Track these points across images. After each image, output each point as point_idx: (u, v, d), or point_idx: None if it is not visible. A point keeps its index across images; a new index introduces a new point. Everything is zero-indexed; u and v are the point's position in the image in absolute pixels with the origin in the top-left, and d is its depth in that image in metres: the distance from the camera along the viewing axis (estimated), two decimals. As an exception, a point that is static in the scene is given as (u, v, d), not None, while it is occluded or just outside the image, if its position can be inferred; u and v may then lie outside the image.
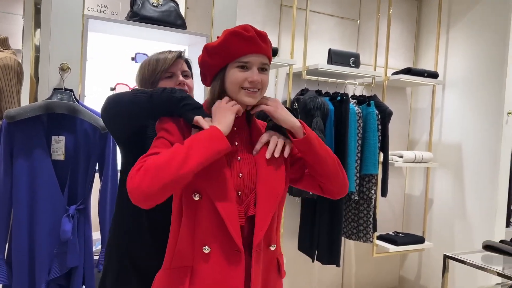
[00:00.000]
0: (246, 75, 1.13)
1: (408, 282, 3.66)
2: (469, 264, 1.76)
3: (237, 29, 1.11)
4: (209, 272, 1.09)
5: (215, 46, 1.13)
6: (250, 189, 1.15)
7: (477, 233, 3.08)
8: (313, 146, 1.18)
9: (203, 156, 1.03)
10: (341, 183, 1.24)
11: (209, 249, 1.09)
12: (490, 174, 3.01)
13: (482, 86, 3.09)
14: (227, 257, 1.09)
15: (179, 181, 1.01)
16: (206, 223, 1.10)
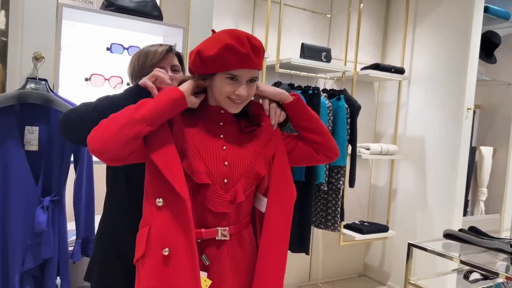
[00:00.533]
0: (234, 88, 1.17)
1: (372, 269, 3.83)
2: (431, 252, 1.87)
3: (234, 43, 1.11)
4: (162, 226, 1.12)
5: (209, 56, 1.13)
6: (237, 176, 1.19)
7: (437, 221, 3.25)
8: (303, 107, 1.30)
9: (155, 103, 1.11)
10: (333, 142, 1.33)
11: (162, 201, 1.13)
12: (450, 166, 3.18)
13: (444, 83, 3.24)
14: (178, 210, 1.12)
15: (131, 127, 1.07)
16: (157, 182, 1.14)
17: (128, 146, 1.09)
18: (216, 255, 1.18)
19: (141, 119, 1.08)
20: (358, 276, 3.87)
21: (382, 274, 3.72)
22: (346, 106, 3.01)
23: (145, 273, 1.13)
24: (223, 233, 1.18)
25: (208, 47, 1.14)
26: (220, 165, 1.19)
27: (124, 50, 2.01)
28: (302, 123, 1.32)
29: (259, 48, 1.16)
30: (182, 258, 1.10)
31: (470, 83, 3.11)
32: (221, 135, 1.24)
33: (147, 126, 1.09)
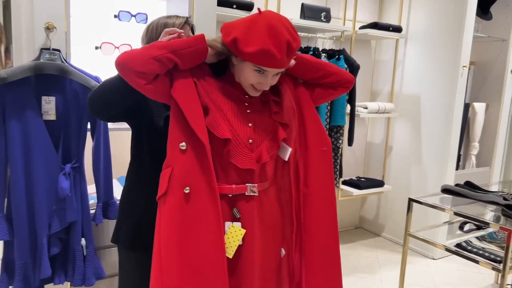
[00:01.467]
0: (260, 79, 1.24)
1: (368, 222, 4.03)
2: (430, 206, 2.01)
3: (273, 49, 1.15)
4: (184, 166, 1.22)
5: (244, 51, 1.17)
6: (261, 138, 1.28)
7: (430, 176, 3.41)
8: (307, 63, 1.37)
9: (182, 41, 1.22)
10: (346, 74, 1.42)
11: (185, 145, 1.22)
12: (444, 123, 3.30)
13: (441, 40, 3.29)
14: (200, 153, 1.21)
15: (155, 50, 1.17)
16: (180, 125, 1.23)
17: (150, 65, 1.16)
18: (246, 208, 1.27)
19: (164, 46, 1.18)
20: (354, 228, 4.07)
21: (377, 226, 3.93)
22: (345, 66, 3.06)
23: (166, 210, 1.23)
24: (252, 189, 1.27)
25: (247, 40, 1.17)
26: (245, 126, 1.27)
27: (132, 17, 2.02)
28: (313, 75, 1.39)
29: (294, 50, 1.21)
30: (203, 196, 1.20)
31: (467, 41, 3.16)
32: (245, 102, 1.31)
33: (169, 52, 1.18)
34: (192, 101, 1.22)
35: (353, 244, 3.66)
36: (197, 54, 1.24)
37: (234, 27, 1.21)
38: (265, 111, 1.33)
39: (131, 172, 1.56)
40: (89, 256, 1.87)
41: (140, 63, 1.15)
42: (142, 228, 1.49)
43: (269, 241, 1.33)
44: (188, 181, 1.21)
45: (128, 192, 1.55)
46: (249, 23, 1.19)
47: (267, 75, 1.23)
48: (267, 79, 1.24)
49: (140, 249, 1.51)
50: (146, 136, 1.50)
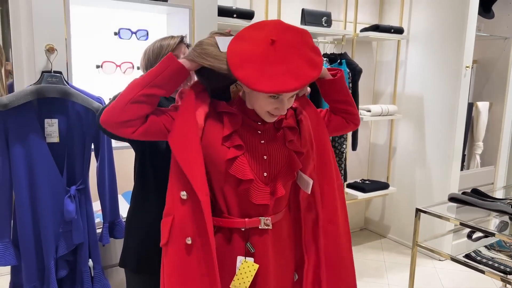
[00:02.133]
0: (276, 104, 1.17)
1: (373, 223, 4.03)
2: (435, 215, 2.00)
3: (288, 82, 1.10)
4: (184, 217, 1.18)
5: (260, 90, 1.11)
6: (276, 170, 1.24)
7: (435, 177, 3.40)
8: (344, 83, 1.34)
9: (153, 70, 1.15)
10: (357, 112, 1.41)
11: (186, 195, 1.17)
12: (448, 123, 3.28)
13: (443, 41, 3.26)
14: (199, 206, 1.16)
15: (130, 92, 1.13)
16: (178, 174, 1.19)
17: (130, 111, 1.12)
18: (260, 242, 1.24)
19: (136, 84, 1.14)
20: (360, 230, 4.07)
21: (382, 227, 3.92)
22: (348, 71, 3.04)
23: (168, 261, 1.21)
24: (266, 222, 1.23)
25: (260, 80, 1.10)
26: (260, 159, 1.22)
27: (132, 34, 2.00)
28: (341, 97, 1.35)
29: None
30: (201, 251, 1.17)
31: (469, 41, 3.14)
32: (258, 130, 1.26)
33: (142, 88, 1.13)
34: (190, 149, 1.16)
35: (359, 246, 3.65)
36: (175, 76, 1.16)
37: (247, 60, 1.11)
38: (279, 140, 1.27)
39: (136, 194, 1.55)
40: (96, 277, 1.87)
41: (119, 113, 1.12)
42: (148, 251, 1.49)
43: (283, 269, 1.31)
44: (189, 232, 1.18)
45: (133, 213, 1.56)
46: (262, 57, 1.11)
47: (283, 99, 1.16)
48: (284, 103, 1.17)
49: (147, 273, 1.51)
50: (149, 158, 1.49)
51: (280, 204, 1.29)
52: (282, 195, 1.24)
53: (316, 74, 1.13)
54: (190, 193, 1.17)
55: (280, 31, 1.14)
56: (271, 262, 1.26)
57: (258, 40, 1.13)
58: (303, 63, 1.12)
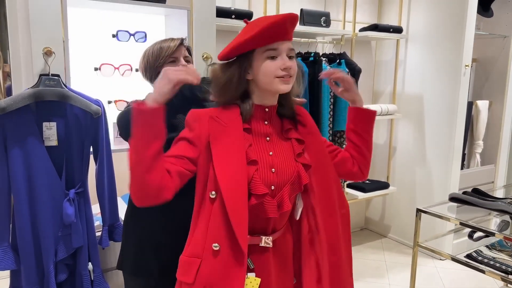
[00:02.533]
0: (278, 64, 1.15)
1: (373, 223, 4.02)
2: (436, 215, 2.00)
3: (271, 20, 1.11)
4: (215, 267, 1.13)
5: (249, 37, 1.12)
6: (283, 183, 1.19)
7: (435, 176, 3.39)
8: (373, 122, 1.32)
9: (133, 137, 1.04)
10: (369, 163, 1.36)
11: (218, 246, 1.12)
12: (448, 122, 3.27)
13: (442, 40, 3.26)
14: (234, 256, 1.12)
15: (137, 173, 1.04)
16: (218, 222, 1.13)
17: (148, 188, 1.06)
18: (260, 260, 1.21)
19: (132, 162, 1.05)
20: (360, 230, 4.06)
21: (383, 227, 3.91)
22: (347, 71, 3.03)
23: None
24: (267, 241, 1.20)
25: (244, 34, 1.15)
26: (268, 172, 1.18)
27: (130, 36, 1.99)
28: (363, 133, 1.32)
29: (294, 19, 1.15)
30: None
31: (468, 40, 3.13)
32: (267, 137, 1.23)
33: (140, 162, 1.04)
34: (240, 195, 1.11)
35: (359, 246, 3.65)
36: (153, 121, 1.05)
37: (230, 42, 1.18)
38: (287, 151, 1.24)
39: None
40: (96, 280, 1.86)
41: (145, 195, 1.07)
42: (146, 253, 1.48)
43: (284, 277, 1.29)
44: (215, 282, 1.13)
45: (130, 216, 1.55)
46: (241, 32, 1.18)
47: (281, 55, 1.15)
48: (284, 58, 1.15)
49: (145, 275, 1.50)
50: None
51: (282, 220, 1.26)
52: (288, 210, 1.22)
53: (295, 14, 1.15)
54: (224, 244, 1.12)
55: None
56: (273, 275, 1.24)
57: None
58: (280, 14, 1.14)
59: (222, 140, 1.15)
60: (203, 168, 1.16)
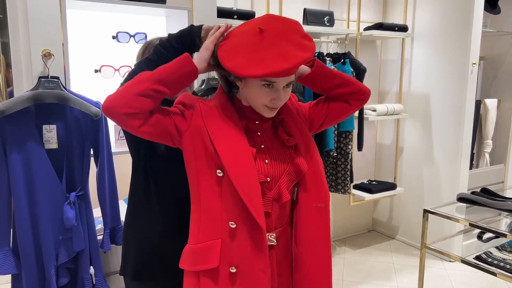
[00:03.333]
0: (271, 94, 1.12)
1: (381, 224, 3.96)
2: (444, 216, 1.95)
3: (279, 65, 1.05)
4: (236, 248, 1.12)
5: (250, 75, 1.08)
6: (279, 174, 1.18)
7: (444, 176, 3.33)
8: (324, 68, 1.24)
9: (166, 67, 1.10)
10: (361, 84, 1.30)
11: (235, 224, 1.12)
12: (455, 121, 3.22)
13: (449, 38, 3.20)
14: (252, 236, 1.11)
15: (138, 84, 1.08)
16: (230, 200, 1.12)
17: (136, 103, 1.07)
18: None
19: (147, 77, 1.08)
20: (367, 232, 4.01)
21: (391, 228, 3.86)
22: (351, 70, 2.99)
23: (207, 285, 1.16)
24: (270, 238, 1.17)
25: (249, 65, 1.08)
26: (262, 163, 1.16)
27: (130, 37, 1.97)
28: (330, 83, 1.25)
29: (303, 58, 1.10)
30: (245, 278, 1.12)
31: (475, 37, 3.08)
32: (258, 132, 1.21)
33: (153, 83, 1.08)
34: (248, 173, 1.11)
35: (367, 248, 3.59)
36: (187, 78, 1.13)
37: (237, 52, 1.10)
38: (279, 141, 1.22)
39: (133, 199, 1.51)
40: (98, 284, 1.84)
41: (125, 103, 1.06)
42: (148, 257, 1.45)
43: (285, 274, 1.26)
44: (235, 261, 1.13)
45: (130, 219, 1.52)
46: (250, 46, 1.08)
47: (278, 88, 1.12)
48: (279, 93, 1.12)
49: (147, 280, 1.47)
50: (147, 161, 1.46)
51: (284, 214, 1.22)
52: (287, 200, 1.19)
53: (308, 55, 1.09)
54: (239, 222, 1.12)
55: (269, 20, 1.11)
56: (275, 277, 1.20)
57: (247, 31, 1.11)
58: (294, 47, 1.07)
59: (217, 122, 1.15)
60: (195, 148, 1.15)
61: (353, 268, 3.20)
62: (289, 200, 1.23)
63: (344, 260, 3.36)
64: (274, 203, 1.18)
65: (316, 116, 1.31)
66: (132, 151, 1.49)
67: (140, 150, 1.46)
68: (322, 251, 1.23)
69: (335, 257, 3.43)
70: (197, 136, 1.15)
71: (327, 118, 1.31)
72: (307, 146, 1.24)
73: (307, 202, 1.21)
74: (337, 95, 1.28)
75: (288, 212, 1.24)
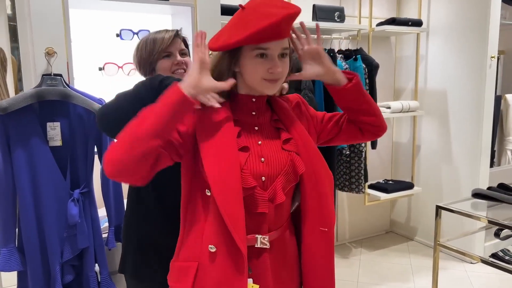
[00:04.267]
0: (267, 65, 1.06)
1: (399, 225, 3.86)
2: (458, 213, 1.87)
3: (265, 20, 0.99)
4: (213, 272, 1.05)
5: (239, 39, 1.03)
6: (275, 173, 1.11)
7: (463, 175, 3.22)
8: (361, 89, 1.18)
9: (158, 112, 0.98)
10: (383, 119, 1.24)
11: (214, 248, 1.05)
12: (474, 118, 3.11)
13: (465, 32, 3.11)
14: (232, 260, 1.04)
15: (139, 146, 0.96)
16: (214, 222, 1.06)
17: (143, 163, 0.98)
18: (257, 264, 1.11)
19: (146, 135, 0.96)
20: (385, 233, 3.91)
21: (409, 230, 3.75)
22: (363, 66, 2.93)
23: None
24: (263, 241, 1.10)
25: (237, 31, 1.03)
26: (257, 162, 1.10)
27: (134, 35, 1.97)
28: (358, 106, 1.19)
29: (293, 16, 1.03)
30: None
31: (494, 29, 2.97)
32: (255, 127, 1.15)
33: (154, 140, 0.97)
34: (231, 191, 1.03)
35: (384, 250, 3.50)
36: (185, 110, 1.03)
37: (222, 32, 1.08)
38: (278, 140, 1.15)
39: (132, 196, 1.50)
40: (103, 282, 1.84)
41: (132, 169, 0.97)
42: (147, 255, 1.43)
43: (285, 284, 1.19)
44: (210, 286, 1.05)
45: (130, 217, 1.50)
46: (234, 21, 1.06)
47: (272, 56, 1.05)
48: (275, 61, 1.04)
49: (146, 278, 1.45)
50: None
51: (280, 216, 1.15)
52: (282, 202, 1.12)
53: (292, 11, 1.02)
54: (222, 247, 1.04)
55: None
56: (271, 280, 1.13)
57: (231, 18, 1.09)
58: (277, 8, 1.01)
59: (211, 131, 1.08)
60: (189, 164, 1.10)
61: (369, 270, 3.12)
62: (286, 202, 1.16)
63: (360, 261, 3.28)
64: (269, 204, 1.11)
65: (326, 131, 1.26)
66: None
67: None
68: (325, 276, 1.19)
69: (350, 258, 3.35)
70: (191, 151, 1.09)
71: (336, 138, 1.27)
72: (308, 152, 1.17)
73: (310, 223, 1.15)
74: (356, 120, 1.23)
75: (285, 214, 1.18)
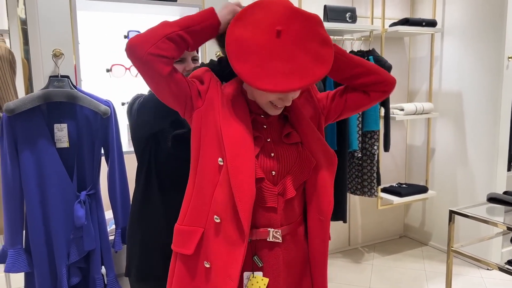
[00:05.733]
0: (279, 95, 1.07)
1: (413, 229, 3.78)
2: (473, 218, 1.80)
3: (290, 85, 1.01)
4: (216, 243, 1.07)
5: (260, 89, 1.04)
6: (285, 168, 1.12)
7: (479, 179, 3.13)
8: (345, 55, 1.16)
9: (192, 16, 1.06)
10: (387, 74, 1.20)
11: (219, 219, 1.06)
12: (491, 120, 3.03)
13: (481, 32, 3.03)
14: (233, 236, 1.05)
15: (164, 28, 1.02)
16: (222, 192, 1.06)
17: (165, 44, 1.01)
18: (269, 256, 1.12)
19: (175, 23, 1.04)
20: (399, 237, 3.83)
21: (423, 234, 3.67)
22: (375, 68, 2.88)
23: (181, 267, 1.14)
24: (275, 235, 1.11)
25: (261, 76, 1.03)
26: (267, 157, 1.11)
27: (141, 36, 1.97)
28: (349, 72, 1.17)
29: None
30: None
31: (510, 30, 2.89)
32: (264, 125, 1.16)
33: (180, 29, 1.03)
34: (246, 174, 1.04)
35: (397, 255, 3.42)
36: (209, 30, 1.08)
37: (248, 53, 1.02)
38: (287, 131, 1.16)
39: (138, 198, 1.49)
40: (110, 284, 1.83)
41: (153, 42, 0.99)
42: (152, 257, 1.42)
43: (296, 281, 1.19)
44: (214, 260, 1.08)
45: (134, 219, 1.50)
46: (264, 51, 1.01)
47: (287, 93, 1.07)
48: (288, 96, 1.07)
49: (152, 281, 1.44)
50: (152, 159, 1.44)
51: (292, 212, 1.15)
52: (292, 197, 1.12)
53: (324, 71, 1.03)
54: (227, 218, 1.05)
55: (288, 18, 1.03)
56: (283, 274, 1.13)
57: (262, 27, 1.03)
58: (310, 60, 1.02)
59: (229, 111, 1.10)
60: (203, 128, 1.10)
61: (381, 275, 3.05)
62: (298, 198, 1.16)
63: (372, 266, 3.21)
64: (280, 198, 1.12)
65: (333, 108, 1.24)
66: (137, 148, 1.46)
67: (145, 146, 1.43)
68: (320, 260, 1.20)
69: (362, 263, 3.28)
70: (208, 118, 1.10)
71: (344, 110, 1.24)
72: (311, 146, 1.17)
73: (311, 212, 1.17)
74: (357, 86, 1.20)
75: (298, 210, 1.18)
